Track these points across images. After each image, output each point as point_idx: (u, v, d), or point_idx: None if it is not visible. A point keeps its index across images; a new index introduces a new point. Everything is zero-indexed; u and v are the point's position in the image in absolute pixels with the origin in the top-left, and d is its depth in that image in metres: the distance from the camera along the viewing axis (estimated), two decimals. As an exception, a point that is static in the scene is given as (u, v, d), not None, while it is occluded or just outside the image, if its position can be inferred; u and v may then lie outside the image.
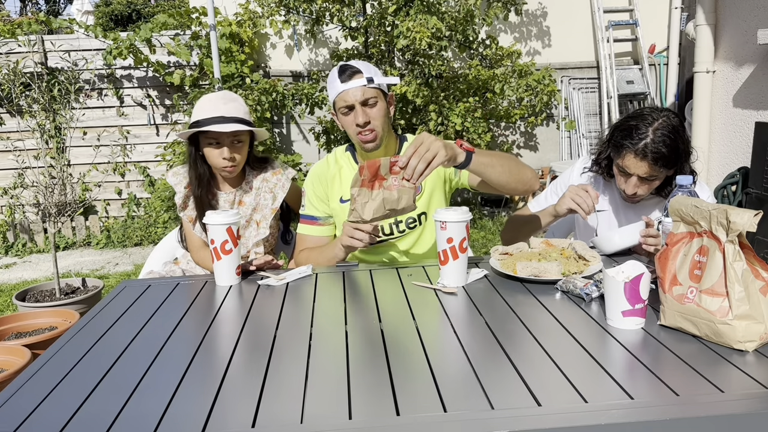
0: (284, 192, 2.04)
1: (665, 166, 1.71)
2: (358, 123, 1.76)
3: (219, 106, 1.91)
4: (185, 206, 2.03)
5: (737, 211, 1.07)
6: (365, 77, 1.75)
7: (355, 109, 1.76)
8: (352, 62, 1.79)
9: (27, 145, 4.99)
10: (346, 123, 1.81)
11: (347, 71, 1.76)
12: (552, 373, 1.01)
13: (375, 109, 1.78)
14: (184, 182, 2.04)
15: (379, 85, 1.77)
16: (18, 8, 20.61)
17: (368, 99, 1.76)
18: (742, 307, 1.06)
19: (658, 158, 1.68)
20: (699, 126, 4.57)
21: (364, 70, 1.76)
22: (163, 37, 5.45)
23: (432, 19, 4.38)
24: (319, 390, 0.99)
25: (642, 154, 1.69)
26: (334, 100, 1.81)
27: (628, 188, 1.78)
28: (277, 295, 1.51)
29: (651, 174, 1.72)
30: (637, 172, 1.73)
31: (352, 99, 1.75)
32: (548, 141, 6.16)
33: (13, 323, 2.90)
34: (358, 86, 1.75)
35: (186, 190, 2.03)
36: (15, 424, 0.93)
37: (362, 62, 1.81)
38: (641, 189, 1.77)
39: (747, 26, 4.06)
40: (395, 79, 1.83)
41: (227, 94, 1.98)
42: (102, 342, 1.25)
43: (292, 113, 5.65)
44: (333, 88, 1.79)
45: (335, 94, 1.78)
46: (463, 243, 1.48)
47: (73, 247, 5.49)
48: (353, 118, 1.77)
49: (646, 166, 1.71)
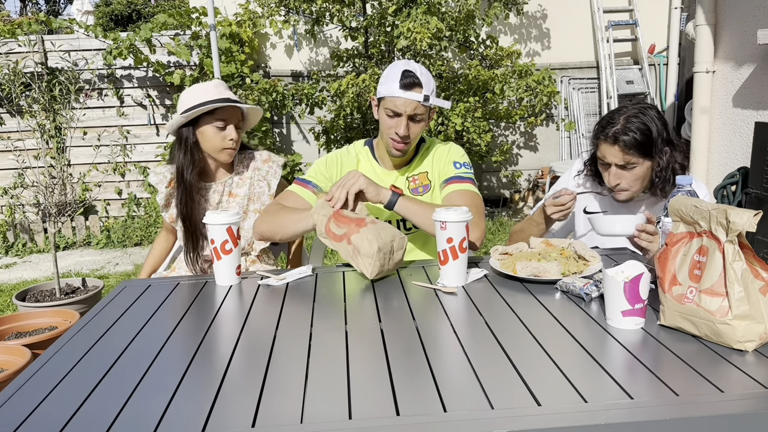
0: (277, 178, 2.07)
1: (639, 151, 1.74)
2: (398, 133, 1.78)
3: (221, 90, 1.95)
4: (168, 205, 2.05)
5: (737, 211, 1.07)
6: (423, 94, 1.76)
7: (401, 119, 1.77)
8: (416, 70, 1.78)
9: (27, 145, 4.99)
10: (385, 123, 1.81)
11: (409, 79, 1.76)
12: (552, 373, 1.01)
13: (418, 125, 1.80)
14: (165, 181, 2.05)
15: (431, 104, 1.78)
16: (18, 8, 20.61)
17: (416, 115, 1.78)
18: (741, 307, 1.06)
19: (628, 143, 1.73)
20: (699, 126, 4.57)
21: (425, 86, 1.77)
22: (163, 37, 5.45)
23: (433, 19, 4.38)
24: (319, 390, 0.99)
25: (613, 140, 1.75)
26: (384, 96, 1.80)
27: (609, 179, 1.81)
28: (277, 295, 1.51)
29: (626, 161, 1.75)
30: (613, 159, 1.77)
31: (403, 109, 1.76)
32: (548, 141, 6.16)
33: (13, 323, 2.90)
34: (413, 100, 1.75)
35: (168, 189, 2.04)
36: (15, 424, 0.93)
37: (425, 73, 1.79)
38: (623, 181, 1.79)
39: (747, 26, 4.06)
40: (447, 103, 1.85)
41: (221, 82, 2.02)
42: (102, 342, 1.25)
43: (292, 113, 5.65)
44: (388, 87, 1.78)
45: (388, 94, 1.78)
46: (463, 243, 1.48)
47: (73, 247, 5.49)
48: (395, 125, 1.78)
49: (618, 151, 1.75)
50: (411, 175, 1.92)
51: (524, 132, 6.14)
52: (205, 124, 1.94)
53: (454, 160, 1.92)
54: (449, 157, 1.93)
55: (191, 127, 1.95)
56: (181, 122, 1.93)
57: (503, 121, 5.61)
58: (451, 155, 1.93)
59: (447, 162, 1.93)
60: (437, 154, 1.94)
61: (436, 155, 1.94)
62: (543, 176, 5.90)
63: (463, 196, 1.82)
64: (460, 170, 1.90)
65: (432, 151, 1.95)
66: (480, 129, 5.09)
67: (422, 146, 1.95)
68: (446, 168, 1.92)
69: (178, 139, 1.97)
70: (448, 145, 1.96)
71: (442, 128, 5.02)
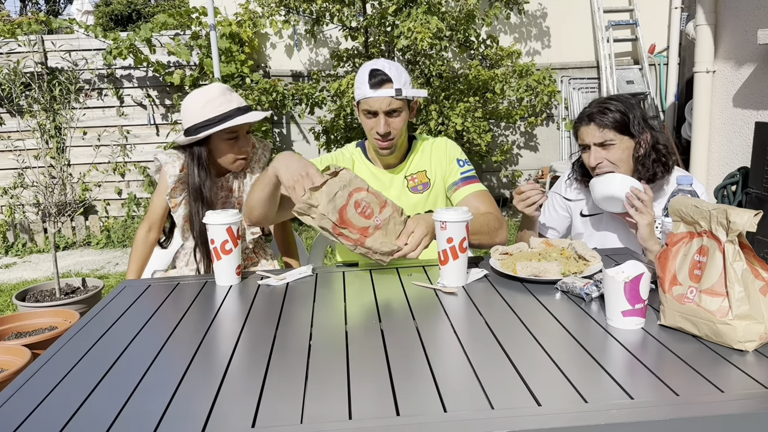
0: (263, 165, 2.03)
1: (616, 128, 1.77)
2: (379, 132, 1.78)
3: (228, 98, 1.88)
4: (176, 189, 1.94)
5: (737, 211, 1.07)
6: (394, 88, 1.75)
7: (379, 117, 1.77)
8: (384, 67, 1.77)
9: (27, 145, 4.99)
10: (366, 124, 1.82)
11: (377, 77, 1.75)
12: (552, 373, 1.01)
13: (397, 119, 1.80)
14: (177, 164, 1.94)
15: (405, 96, 1.77)
16: (18, 8, 20.61)
17: (393, 110, 1.78)
18: (742, 307, 1.06)
19: (603, 119, 1.77)
20: (699, 126, 4.57)
21: (395, 80, 1.76)
22: (163, 37, 5.45)
23: (433, 19, 4.38)
24: (319, 390, 0.99)
25: (588, 119, 1.80)
26: (358, 100, 1.81)
27: (590, 160, 1.82)
28: (277, 295, 1.51)
29: (604, 138, 1.78)
30: (591, 139, 1.80)
31: (377, 107, 1.76)
32: (548, 141, 6.16)
33: (13, 323, 2.90)
34: (385, 96, 1.75)
35: (180, 174, 1.93)
36: (15, 424, 0.93)
37: (394, 67, 1.79)
38: (605, 162, 1.80)
39: (747, 26, 4.06)
40: (423, 92, 1.84)
41: (225, 87, 1.94)
42: (102, 342, 1.25)
43: (292, 113, 5.65)
44: (360, 89, 1.78)
45: (361, 96, 1.78)
46: (463, 243, 1.48)
47: (73, 247, 5.49)
48: (374, 124, 1.79)
49: (594, 129, 1.79)
50: (409, 174, 1.92)
51: (524, 132, 6.14)
52: (217, 139, 1.88)
53: (456, 158, 1.93)
54: (450, 154, 1.93)
55: (202, 147, 1.89)
56: (191, 142, 1.87)
57: (503, 121, 5.61)
58: (450, 152, 1.93)
59: (449, 160, 1.93)
60: (435, 152, 1.94)
61: (433, 153, 1.94)
62: (543, 176, 5.90)
63: (480, 198, 1.87)
64: (463, 168, 1.92)
65: (428, 149, 1.95)
66: (480, 129, 5.09)
67: (414, 143, 1.95)
68: (450, 167, 1.93)
69: (191, 155, 1.90)
70: (444, 142, 1.96)
71: (442, 128, 5.02)
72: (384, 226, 1.57)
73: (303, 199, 1.50)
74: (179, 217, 1.97)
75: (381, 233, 1.56)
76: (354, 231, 1.54)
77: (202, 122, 1.85)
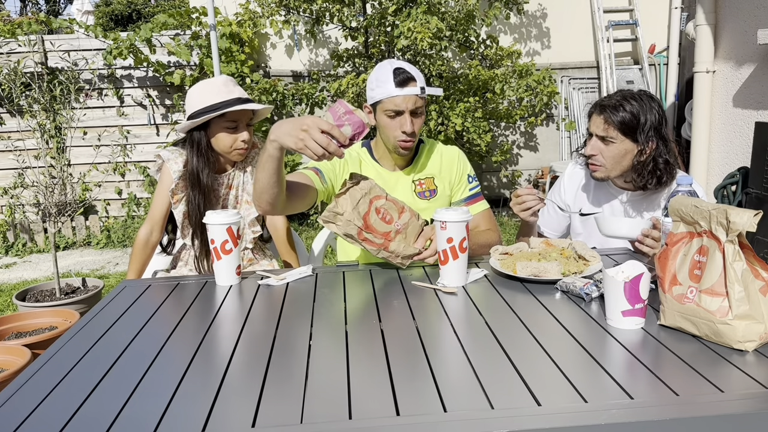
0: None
1: (621, 129, 1.76)
2: (405, 131, 1.77)
3: (230, 88, 1.92)
4: (178, 186, 1.95)
5: (737, 211, 1.07)
6: (419, 86, 1.75)
7: (404, 117, 1.77)
8: (405, 66, 1.78)
9: (27, 145, 4.99)
10: (388, 125, 1.79)
11: (402, 75, 1.75)
12: (552, 373, 1.01)
13: (420, 119, 1.81)
14: (180, 160, 1.97)
15: (427, 94, 1.78)
16: (18, 8, 20.61)
17: (418, 108, 1.78)
18: (741, 307, 1.06)
19: (613, 116, 1.76)
20: (699, 126, 4.57)
21: (418, 79, 1.77)
22: (163, 37, 5.45)
23: (433, 19, 4.39)
24: (319, 390, 0.99)
25: (600, 110, 1.80)
26: (380, 100, 1.78)
27: (587, 149, 1.84)
28: (277, 295, 1.51)
29: (606, 133, 1.78)
30: (595, 130, 1.81)
31: (404, 106, 1.76)
32: (548, 141, 6.16)
33: (13, 323, 2.90)
34: (412, 95, 1.75)
35: (183, 170, 1.95)
36: (15, 424, 0.93)
37: (413, 68, 1.80)
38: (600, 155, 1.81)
39: (747, 26, 4.06)
40: (440, 91, 1.85)
41: (229, 78, 1.97)
42: (102, 342, 1.25)
43: (292, 113, 5.65)
44: (384, 88, 1.76)
45: (385, 96, 1.76)
46: (463, 243, 1.48)
47: (73, 247, 5.49)
48: (399, 124, 1.78)
49: (601, 121, 1.79)
50: (417, 179, 1.91)
51: (524, 132, 6.14)
52: (216, 126, 1.92)
53: (468, 174, 1.97)
54: (462, 169, 1.96)
55: (202, 131, 1.93)
56: (191, 126, 1.92)
57: (503, 121, 5.61)
58: (461, 167, 1.96)
59: (460, 176, 1.95)
60: (445, 162, 1.94)
61: (444, 162, 1.94)
62: (543, 176, 5.90)
63: (484, 217, 1.96)
64: (472, 185, 1.97)
65: (437, 155, 1.95)
66: (480, 129, 5.09)
67: (422, 146, 1.94)
68: (461, 183, 1.96)
69: (190, 142, 1.94)
70: (456, 153, 1.97)
71: (442, 128, 5.02)
72: (404, 230, 1.64)
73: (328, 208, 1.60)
74: (179, 213, 1.99)
75: (401, 237, 1.64)
76: (378, 236, 1.61)
77: (203, 108, 1.89)
